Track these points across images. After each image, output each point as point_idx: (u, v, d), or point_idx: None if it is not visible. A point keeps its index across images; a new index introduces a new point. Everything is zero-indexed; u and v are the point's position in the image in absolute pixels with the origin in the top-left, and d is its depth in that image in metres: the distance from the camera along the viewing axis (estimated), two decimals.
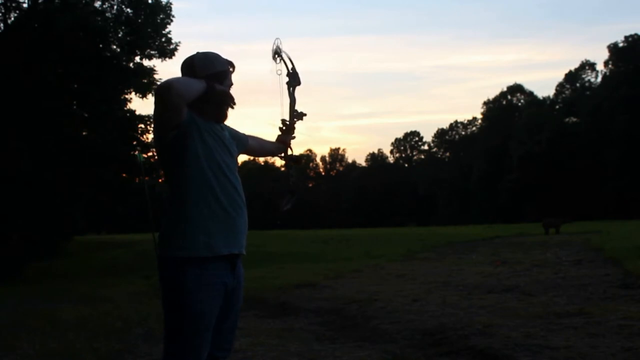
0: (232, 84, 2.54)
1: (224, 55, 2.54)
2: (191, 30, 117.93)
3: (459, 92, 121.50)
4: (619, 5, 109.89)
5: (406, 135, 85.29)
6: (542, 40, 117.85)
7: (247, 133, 2.83)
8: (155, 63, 29.31)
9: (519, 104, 68.85)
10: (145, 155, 21.00)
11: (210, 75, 2.45)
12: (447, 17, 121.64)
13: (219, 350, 2.52)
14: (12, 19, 17.68)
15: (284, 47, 2.93)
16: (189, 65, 2.49)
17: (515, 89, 69.68)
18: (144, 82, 19.53)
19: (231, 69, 2.54)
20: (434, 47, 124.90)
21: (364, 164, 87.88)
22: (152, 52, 19.74)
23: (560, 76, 63.84)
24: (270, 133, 3.04)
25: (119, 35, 19.23)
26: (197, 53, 2.52)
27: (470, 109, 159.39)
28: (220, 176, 2.41)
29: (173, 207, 2.38)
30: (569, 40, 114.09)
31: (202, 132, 2.39)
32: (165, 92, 2.25)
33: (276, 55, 2.91)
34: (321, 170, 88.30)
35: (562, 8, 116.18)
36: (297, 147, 3.00)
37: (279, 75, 2.90)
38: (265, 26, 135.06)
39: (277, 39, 2.89)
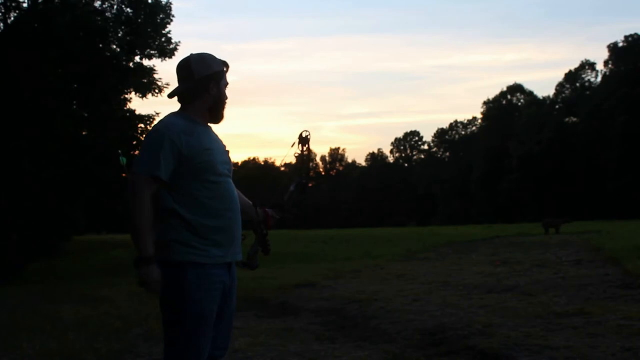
0: (227, 84, 2.56)
1: (224, 55, 2.56)
2: (191, 30, 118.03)
3: (459, 92, 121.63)
4: (619, 5, 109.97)
5: (406, 135, 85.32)
6: (543, 40, 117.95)
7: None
8: (155, 63, 29.37)
9: (519, 104, 68.84)
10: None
11: (207, 76, 2.46)
12: (446, 17, 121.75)
13: (217, 349, 2.53)
14: (12, 19, 17.67)
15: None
16: (185, 67, 2.48)
17: (515, 89, 69.68)
18: (144, 82, 19.54)
19: (226, 69, 2.55)
20: (434, 47, 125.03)
21: (364, 164, 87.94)
22: (152, 52, 19.76)
23: (560, 76, 63.95)
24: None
25: (119, 35, 19.23)
26: (192, 55, 2.51)
27: (470, 109, 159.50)
28: (219, 184, 2.43)
29: (172, 214, 2.37)
30: (569, 40, 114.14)
31: (201, 149, 2.38)
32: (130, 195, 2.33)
33: (301, 144, 2.87)
34: (321, 170, 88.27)
35: (562, 8, 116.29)
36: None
37: (296, 156, 2.89)
38: (265, 25, 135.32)
39: (306, 130, 2.86)
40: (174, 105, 2.55)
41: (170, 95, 2.51)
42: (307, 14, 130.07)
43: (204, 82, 2.44)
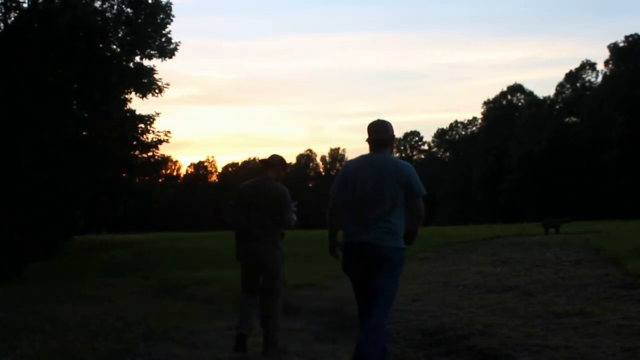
0: None
1: (224, 52, 2.55)
2: (191, 26, 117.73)
3: (459, 91, 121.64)
4: (619, 5, 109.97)
5: (406, 135, 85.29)
6: (543, 39, 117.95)
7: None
8: (155, 63, 29.32)
9: (519, 104, 68.83)
10: (145, 155, 21.09)
11: (394, 134, 4.39)
12: (447, 16, 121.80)
13: None
14: (12, 19, 17.64)
15: None
16: (384, 126, 4.31)
17: (515, 88, 69.68)
18: (144, 82, 19.51)
19: None
20: (434, 46, 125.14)
21: None
22: (152, 52, 19.72)
23: (560, 76, 63.78)
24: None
25: (119, 35, 19.20)
26: (384, 120, 4.31)
27: (471, 109, 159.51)
28: None
29: (397, 215, 3.97)
30: (569, 39, 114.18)
31: None
32: None
33: None
34: (321, 170, 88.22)
35: (562, 7, 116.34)
36: (298, 146, 2.98)
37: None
38: (267, 23, 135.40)
39: None
40: (174, 105, 2.54)
41: (382, 142, 4.22)
42: (308, 11, 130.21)
43: (393, 138, 4.25)
